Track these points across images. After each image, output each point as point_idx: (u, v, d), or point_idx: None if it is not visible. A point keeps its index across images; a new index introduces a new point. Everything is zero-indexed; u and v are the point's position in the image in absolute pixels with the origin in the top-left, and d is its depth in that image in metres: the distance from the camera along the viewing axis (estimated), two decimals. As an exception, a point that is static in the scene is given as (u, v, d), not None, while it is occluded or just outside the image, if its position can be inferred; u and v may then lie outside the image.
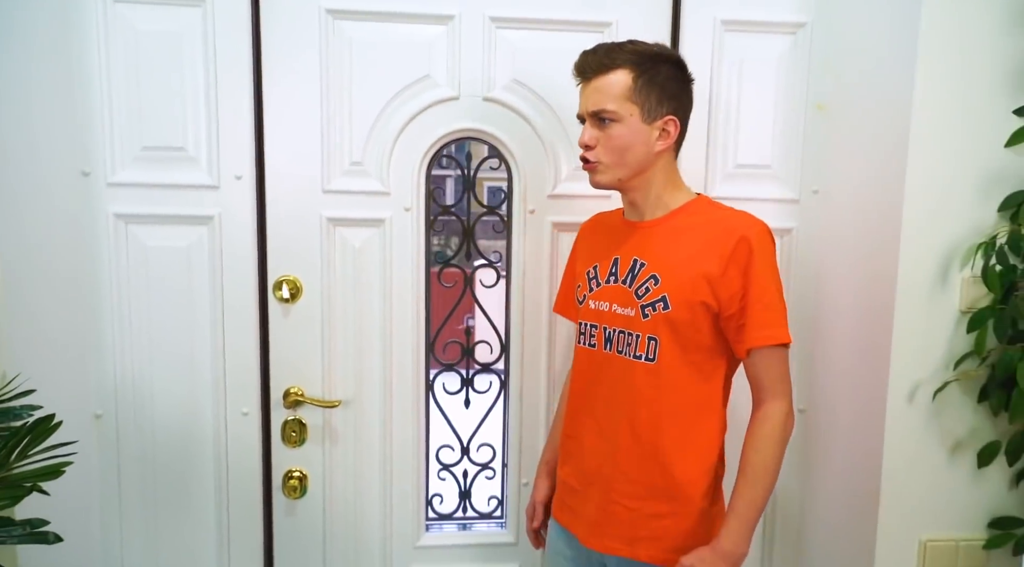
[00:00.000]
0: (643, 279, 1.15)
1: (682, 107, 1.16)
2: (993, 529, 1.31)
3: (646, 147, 1.14)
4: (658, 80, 1.13)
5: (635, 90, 1.12)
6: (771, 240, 1.13)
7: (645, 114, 1.13)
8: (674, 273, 1.13)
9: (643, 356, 1.15)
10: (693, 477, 1.14)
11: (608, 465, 1.19)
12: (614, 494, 1.18)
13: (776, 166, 1.52)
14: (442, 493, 1.65)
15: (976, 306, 1.25)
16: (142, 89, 1.38)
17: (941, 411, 1.28)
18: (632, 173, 1.16)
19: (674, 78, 1.15)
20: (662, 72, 1.13)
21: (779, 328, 1.10)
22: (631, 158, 1.15)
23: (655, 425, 1.14)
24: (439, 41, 1.45)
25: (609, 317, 1.19)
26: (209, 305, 1.45)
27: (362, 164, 1.46)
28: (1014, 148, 1.23)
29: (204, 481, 1.50)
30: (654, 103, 1.13)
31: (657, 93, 1.13)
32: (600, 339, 1.21)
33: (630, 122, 1.13)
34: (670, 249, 1.15)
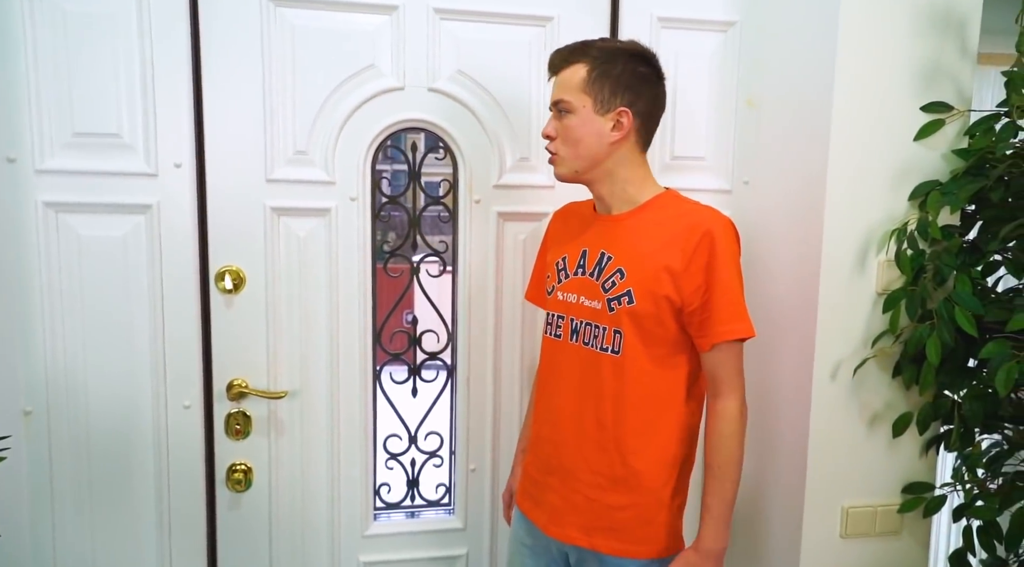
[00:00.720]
0: (610, 272, 1.18)
1: (640, 100, 1.17)
2: (906, 494, 1.42)
3: (599, 138, 1.16)
4: (613, 72, 1.15)
5: (589, 82, 1.15)
6: (735, 236, 1.16)
7: (598, 105, 1.15)
8: (639, 267, 1.15)
9: (608, 348, 1.17)
10: (653, 469, 1.17)
11: (570, 455, 1.22)
12: (575, 483, 1.21)
13: (710, 158, 1.60)
14: (390, 482, 1.66)
15: (890, 288, 1.35)
16: (72, 73, 1.33)
17: (860, 386, 1.38)
18: (588, 165, 1.18)
19: (633, 72, 1.16)
20: (619, 65, 1.15)
21: (741, 322, 1.13)
22: (584, 149, 1.17)
23: (618, 417, 1.17)
24: (383, 31, 1.46)
25: (576, 309, 1.22)
26: (148, 296, 1.41)
27: (307, 153, 1.46)
28: (922, 141, 1.34)
29: (143, 477, 1.46)
30: (607, 94, 1.15)
31: (611, 85, 1.15)
32: (566, 330, 1.23)
33: (583, 113, 1.15)
34: (636, 243, 1.17)
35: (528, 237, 1.58)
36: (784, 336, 1.46)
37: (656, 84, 1.20)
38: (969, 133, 1.34)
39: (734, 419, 1.15)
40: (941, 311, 1.25)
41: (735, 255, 1.15)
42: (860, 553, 1.42)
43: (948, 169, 1.35)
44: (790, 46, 1.46)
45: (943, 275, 1.28)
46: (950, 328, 1.23)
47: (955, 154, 1.34)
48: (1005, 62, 1.35)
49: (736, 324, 1.13)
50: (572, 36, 1.50)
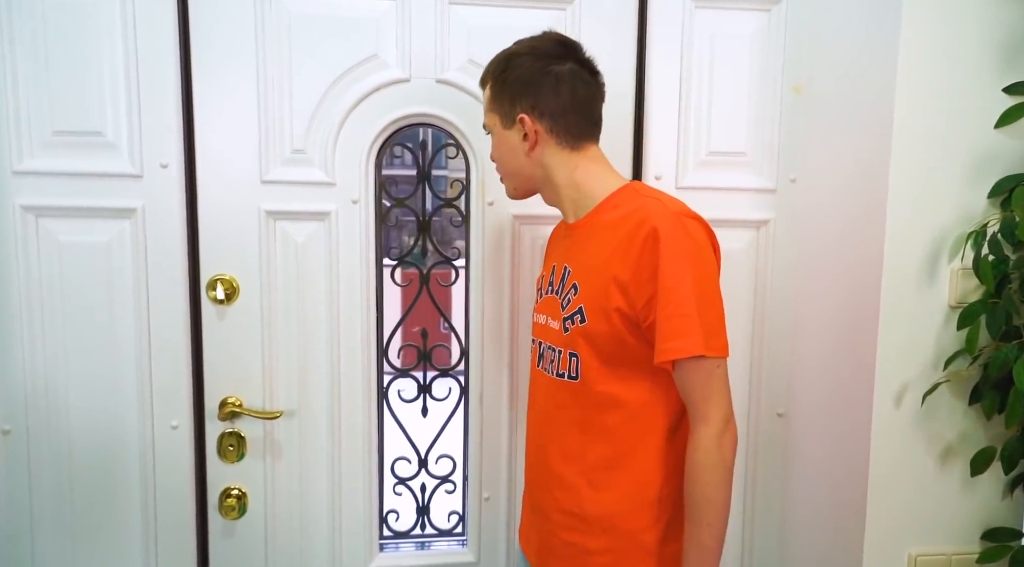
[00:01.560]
0: (568, 288, 1.05)
1: (541, 98, 1.04)
2: (987, 541, 1.22)
3: (513, 152, 1.08)
4: (508, 81, 1.06)
5: (493, 100, 1.09)
6: (686, 231, 0.95)
7: (504, 120, 1.08)
8: (589, 280, 1.01)
9: (566, 374, 1.03)
10: (630, 509, 1.01)
11: (544, 493, 1.09)
12: (551, 525, 1.08)
13: (751, 153, 1.42)
14: (398, 509, 1.53)
15: (967, 300, 1.16)
16: (51, 67, 1.24)
17: (930, 414, 1.19)
18: (521, 180, 1.11)
19: (525, 70, 1.05)
20: (512, 70, 1.06)
21: (690, 338, 0.92)
22: (508, 167, 1.11)
23: (584, 449, 1.03)
24: (388, 18, 1.33)
25: (543, 331, 1.11)
26: (133, 307, 1.31)
27: (304, 152, 1.34)
28: (1004, 129, 1.15)
29: (129, 503, 1.36)
30: (507, 106, 1.07)
31: (509, 95, 1.06)
32: (535, 355, 1.13)
33: (496, 132, 1.10)
34: (587, 252, 1.03)
35: (546, 242, 1.42)
36: (837, 354, 1.28)
37: (558, 76, 1.04)
38: (1063, 118, 1.14)
39: (709, 449, 0.94)
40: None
41: (688, 255, 0.94)
42: (931, 608, 1.23)
43: (1038, 161, 1.15)
44: (844, 24, 1.28)
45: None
46: (1044, 349, 1.03)
47: (1046, 143, 1.14)
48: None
49: (683, 341, 0.92)
50: (594, 20, 1.37)
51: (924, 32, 1.13)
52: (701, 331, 0.93)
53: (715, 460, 0.94)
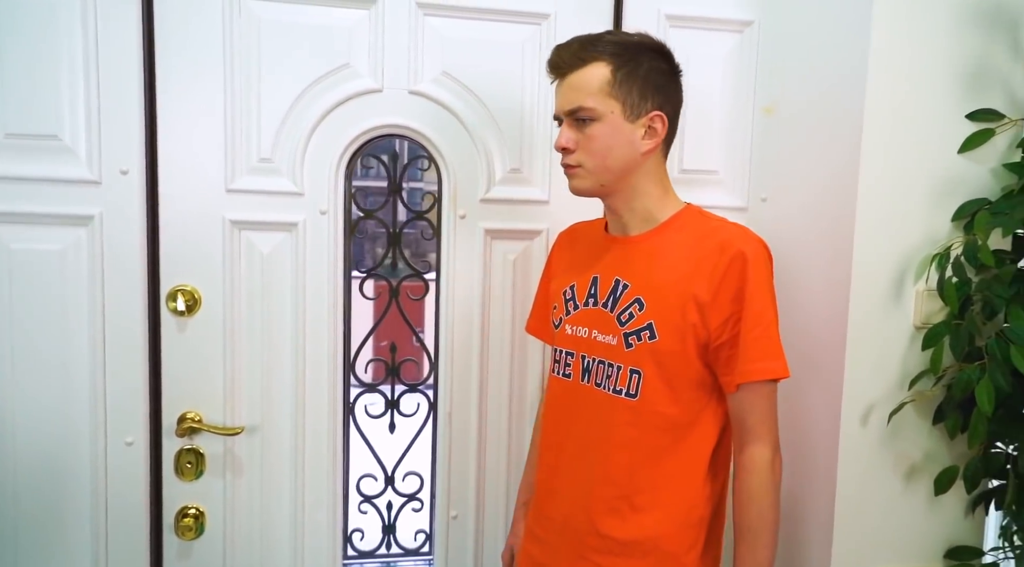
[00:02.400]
0: (626, 303, 1.02)
1: (669, 102, 1.03)
2: (949, 560, 1.23)
3: (631, 147, 1.02)
4: (640, 72, 1.00)
5: (615, 84, 0.99)
6: (769, 259, 1.01)
7: (628, 111, 1.00)
8: (661, 296, 1.00)
9: (623, 391, 1.01)
10: (674, 531, 1.01)
11: (579, 515, 1.05)
12: (584, 549, 1.04)
13: (723, 172, 1.44)
14: (363, 528, 1.49)
15: (931, 321, 1.18)
16: (4, 68, 1.19)
17: (896, 433, 1.20)
18: (616, 177, 1.03)
19: (658, 70, 1.02)
20: (644, 63, 1.01)
21: (774, 361, 0.98)
22: (614, 161, 1.02)
23: (633, 470, 1.02)
24: (361, 27, 1.31)
25: (588, 344, 1.06)
26: (88, 319, 1.26)
27: (272, 161, 1.31)
28: (967, 154, 1.17)
29: (78, 523, 1.29)
30: (636, 98, 1.00)
31: (640, 86, 1.00)
32: (577, 369, 1.08)
33: (611, 120, 1.00)
34: (656, 268, 1.02)
35: (519, 257, 1.42)
36: (808, 374, 1.28)
37: (677, 81, 1.06)
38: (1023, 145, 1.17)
39: (765, 471, 0.98)
40: (993, 350, 1.07)
41: (769, 281, 1.00)
42: (896, 627, 1.23)
43: (999, 186, 1.18)
44: (815, 47, 1.30)
45: (994, 308, 1.11)
46: (1005, 370, 1.05)
47: (1007, 169, 1.17)
48: (1063, 66, 1.19)
49: (768, 363, 0.97)
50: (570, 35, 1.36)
51: (892, 57, 1.15)
52: (782, 355, 0.98)
53: (773, 482, 0.99)
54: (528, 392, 1.44)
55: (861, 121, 1.16)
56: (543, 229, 1.41)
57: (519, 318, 1.41)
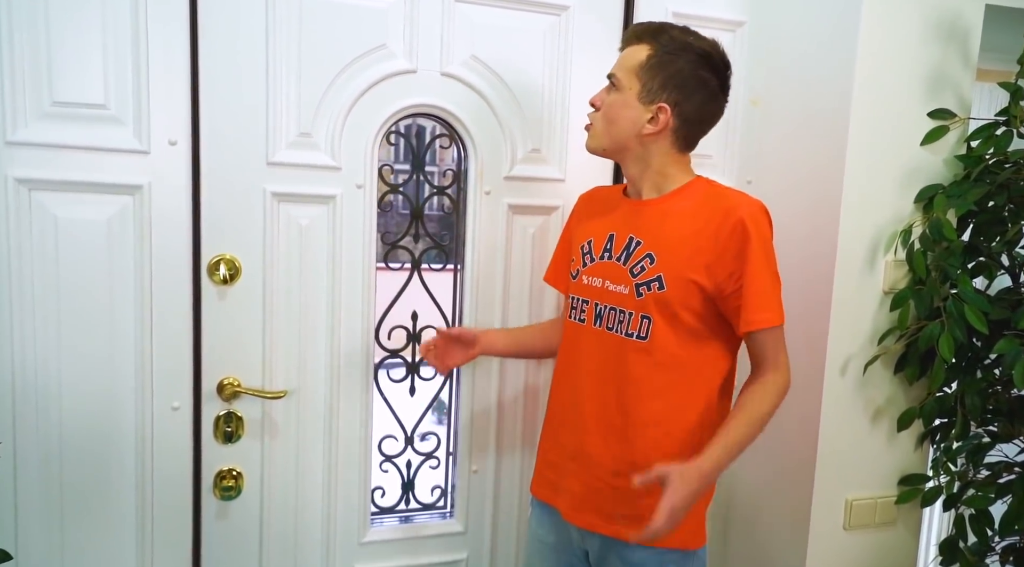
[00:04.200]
0: (639, 257, 1.16)
1: (688, 103, 1.13)
2: (902, 486, 1.48)
3: (633, 125, 1.14)
4: (671, 67, 1.12)
5: (645, 67, 1.13)
6: (767, 220, 1.14)
7: (644, 93, 1.13)
8: (670, 253, 1.14)
9: (635, 334, 1.15)
10: (675, 452, 1.14)
11: (592, 441, 1.19)
12: (597, 469, 1.18)
13: (717, 157, 1.61)
14: (383, 486, 1.58)
15: (897, 287, 1.40)
16: (52, 33, 1.19)
17: (866, 382, 1.42)
18: (616, 147, 1.18)
19: (692, 73, 1.12)
20: (680, 61, 1.12)
21: (771, 311, 1.12)
22: (616, 131, 1.16)
23: (642, 403, 1.15)
24: (396, 10, 1.38)
25: (600, 293, 1.20)
26: (134, 287, 1.28)
27: (311, 135, 1.36)
28: (927, 146, 1.39)
29: (123, 485, 1.32)
30: (656, 86, 1.12)
31: (663, 78, 1.12)
32: (590, 314, 1.21)
33: (626, 95, 1.14)
34: (667, 229, 1.16)
35: (537, 231, 1.54)
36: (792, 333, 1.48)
37: (713, 92, 1.16)
38: (970, 140, 1.40)
39: (779, 389, 1.14)
40: (951, 309, 1.30)
41: (768, 241, 1.13)
42: (861, 544, 1.47)
43: (950, 173, 1.41)
44: (801, 49, 1.49)
45: (947, 275, 1.34)
46: (961, 325, 1.28)
47: (957, 159, 1.40)
48: (999, 78, 1.43)
49: (766, 313, 1.12)
50: (587, 26, 1.49)
51: (875, 61, 1.35)
52: (778, 307, 1.13)
53: (778, 398, 1.15)
54: (544, 355, 1.57)
55: (848, 116, 1.35)
56: (559, 205, 1.54)
57: (537, 285, 1.53)
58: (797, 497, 1.46)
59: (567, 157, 1.52)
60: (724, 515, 1.69)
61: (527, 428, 1.58)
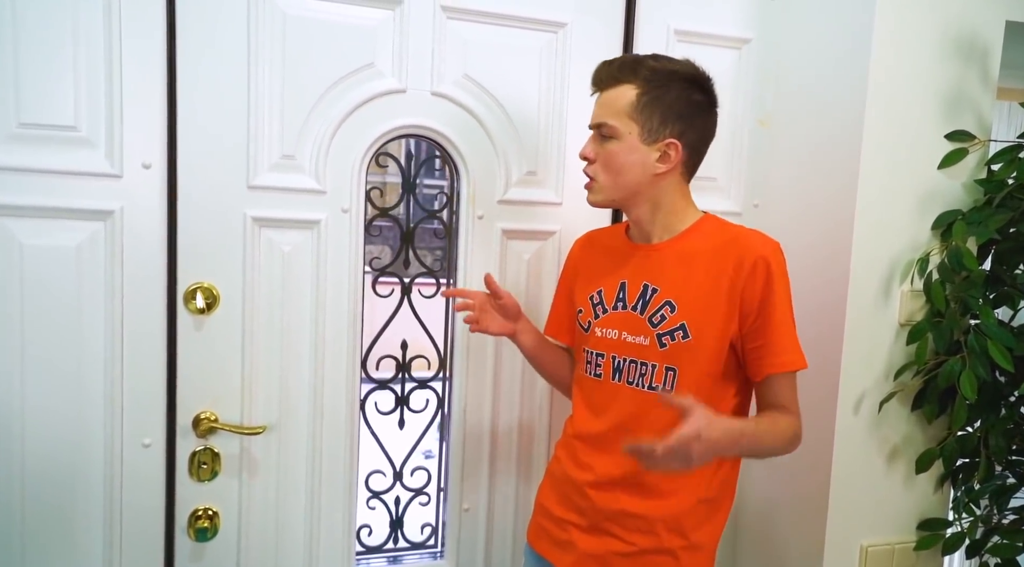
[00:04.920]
0: (657, 305, 1.09)
1: (691, 130, 1.09)
2: (922, 531, 1.38)
3: (643, 169, 1.08)
4: (666, 99, 1.06)
5: (637, 107, 1.06)
6: (784, 261, 1.09)
7: (645, 133, 1.06)
8: (691, 299, 1.07)
9: (659, 387, 1.09)
10: (687, 509, 1.10)
11: (608, 498, 1.12)
12: (612, 526, 1.12)
13: (721, 179, 1.54)
14: (371, 524, 1.50)
15: (913, 319, 1.31)
16: (20, 53, 1.13)
17: (881, 420, 1.33)
18: (627, 194, 1.11)
19: (687, 100, 1.07)
20: (672, 91, 1.06)
21: (797, 354, 1.07)
22: (626, 179, 1.09)
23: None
24: (385, 27, 1.32)
25: (618, 345, 1.13)
26: (104, 316, 1.21)
27: (295, 158, 1.30)
28: (945, 170, 1.31)
29: (90, 527, 1.25)
30: (656, 123, 1.06)
31: (661, 113, 1.06)
32: (607, 369, 1.14)
33: (628, 140, 1.07)
34: (683, 273, 1.09)
35: (532, 257, 1.47)
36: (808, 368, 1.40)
37: (709, 112, 1.12)
38: (990, 163, 1.32)
39: (795, 433, 1.09)
40: (973, 344, 1.21)
41: (787, 282, 1.09)
42: (877, 593, 1.37)
43: (970, 198, 1.33)
44: (811, 66, 1.42)
45: (968, 306, 1.25)
46: (984, 362, 1.20)
47: (977, 184, 1.32)
48: (1021, 97, 1.35)
49: (792, 356, 1.07)
50: (584, 45, 1.43)
51: (888, 80, 1.27)
52: (800, 348, 1.08)
53: (792, 437, 1.08)
54: (539, 387, 1.49)
55: (860, 137, 1.28)
56: (556, 230, 1.47)
57: (533, 314, 1.45)
58: (809, 543, 1.36)
59: (564, 180, 1.45)
60: (731, 562, 1.60)
61: (522, 465, 1.50)
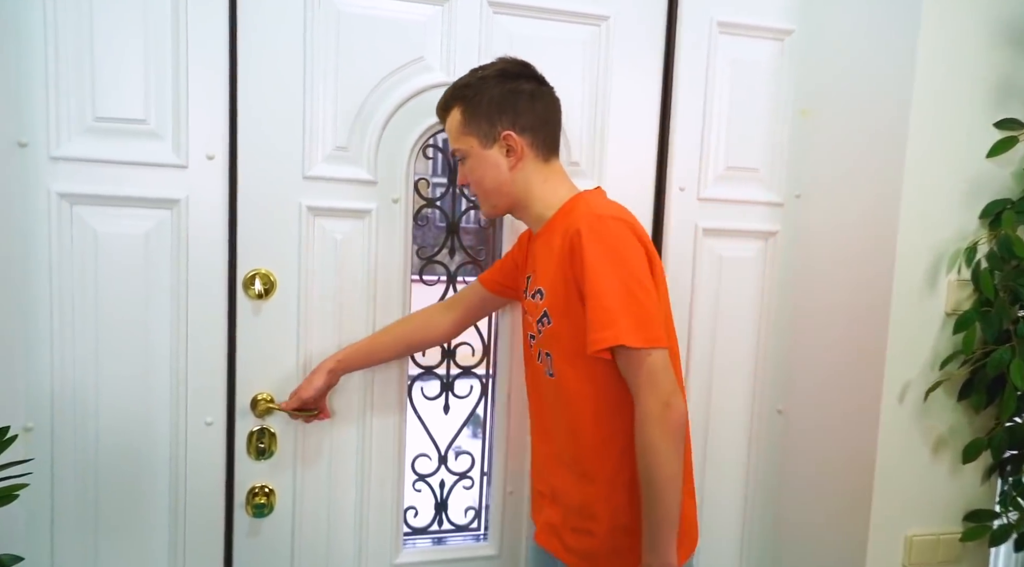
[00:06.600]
0: (535, 293, 1.16)
1: (521, 115, 1.13)
2: (968, 522, 1.37)
3: (498, 170, 1.14)
4: (483, 102, 1.12)
5: (465, 122, 1.14)
6: (606, 229, 1.01)
7: (482, 139, 1.13)
8: (549, 285, 1.11)
9: (544, 370, 1.15)
10: (605, 494, 1.10)
11: (542, 471, 1.22)
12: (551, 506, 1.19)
13: (763, 170, 1.54)
14: (416, 506, 1.55)
15: (960, 308, 1.31)
16: (96, 49, 1.20)
17: (926, 410, 1.33)
18: (503, 199, 1.17)
19: (500, 93, 1.12)
20: (485, 93, 1.12)
21: (609, 330, 0.97)
22: (491, 187, 1.15)
23: (565, 439, 1.14)
24: (434, 22, 1.36)
25: (531, 329, 1.20)
26: (170, 301, 1.28)
27: (347, 149, 1.35)
28: (994, 159, 1.30)
29: (156, 501, 1.32)
30: (486, 126, 1.12)
31: (485, 115, 1.12)
32: (527, 351, 1.24)
33: (474, 153, 1.14)
34: (544, 260, 1.14)
35: (575, 246, 1.49)
36: (842, 355, 1.40)
37: (533, 94, 1.15)
38: (1041, 152, 1.31)
39: (652, 423, 0.97)
40: (1023, 333, 1.20)
41: (608, 252, 1.00)
42: (922, 583, 1.37)
43: (1019, 188, 1.31)
44: (854, 56, 1.42)
45: (1020, 296, 1.24)
46: (1034, 351, 1.19)
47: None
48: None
49: (605, 332, 0.98)
50: (627, 37, 1.45)
51: (937, 67, 1.26)
52: (624, 324, 0.97)
53: (661, 435, 0.97)
54: (581, 374, 1.52)
55: (906, 127, 1.27)
56: (598, 220, 1.49)
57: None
58: (853, 533, 1.36)
59: (605, 169, 1.48)
60: (774, 554, 1.61)
61: (564, 450, 1.53)
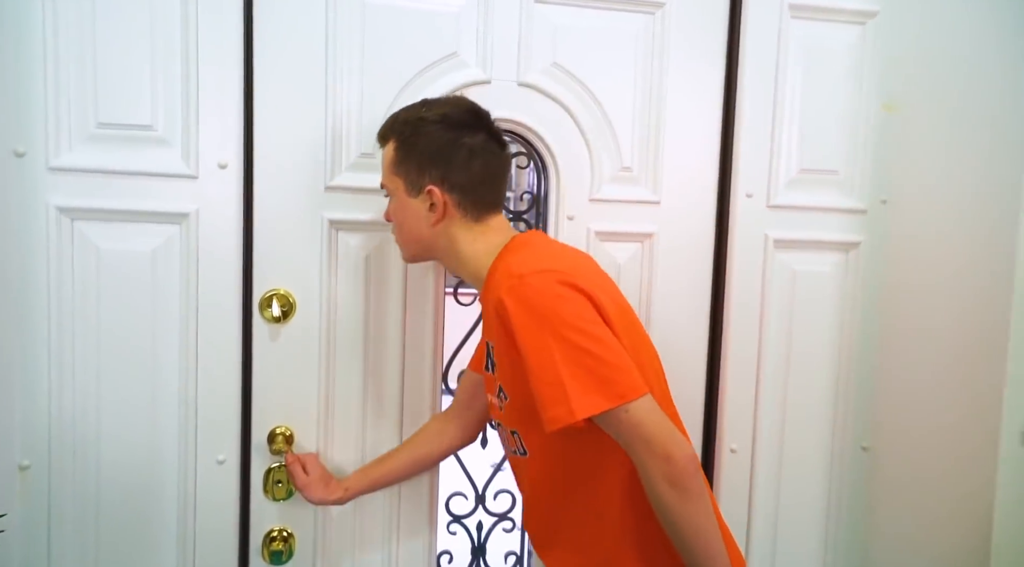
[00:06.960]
0: (492, 366, 1.02)
1: (453, 171, 0.99)
2: (1105, 586, 1.15)
3: (417, 221, 1.02)
4: (418, 146, 0.99)
5: (396, 161, 1.02)
6: (531, 291, 0.89)
7: (408, 186, 1.01)
8: (498, 356, 0.97)
9: (516, 450, 1.02)
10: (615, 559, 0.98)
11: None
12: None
13: (843, 172, 1.36)
14: (451, 550, 1.39)
15: (1092, 332, 1.10)
16: (98, 51, 1.10)
17: (1053, 452, 1.12)
18: (419, 248, 1.05)
19: (439, 141, 0.99)
20: (423, 135, 0.99)
21: (564, 404, 0.86)
22: (408, 233, 1.05)
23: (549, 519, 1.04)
24: (468, 13, 1.23)
25: (493, 411, 1.06)
26: (179, 325, 1.16)
27: (374, 157, 1.21)
28: None
29: (163, 546, 1.19)
30: (415, 173, 1.00)
31: (416, 161, 1.00)
32: (499, 436, 1.11)
33: (398, 196, 1.03)
34: (489, 327, 1.00)
35: (628, 261, 1.33)
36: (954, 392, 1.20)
37: (471, 150, 1.00)
38: None
39: (657, 483, 0.87)
40: None
41: (534, 316, 0.88)
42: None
43: None
44: (952, 40, 1.24)
45: None
46: None
47: None
48: None
49: (558, 409, 0.86)
50: (685, 26, 1.29)
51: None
52: (576, 393, 0.85)
53: (672, 494, 0.86)
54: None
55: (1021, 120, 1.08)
56: (653, 232, 1.33)
57: (628, 326, 1.32)
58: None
59: (662, 176, 1.32)
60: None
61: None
